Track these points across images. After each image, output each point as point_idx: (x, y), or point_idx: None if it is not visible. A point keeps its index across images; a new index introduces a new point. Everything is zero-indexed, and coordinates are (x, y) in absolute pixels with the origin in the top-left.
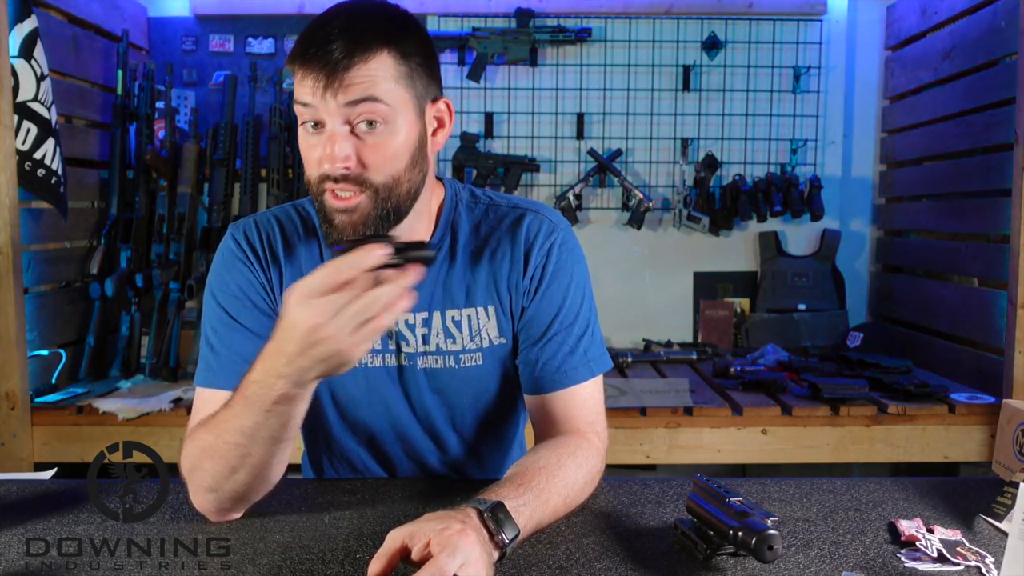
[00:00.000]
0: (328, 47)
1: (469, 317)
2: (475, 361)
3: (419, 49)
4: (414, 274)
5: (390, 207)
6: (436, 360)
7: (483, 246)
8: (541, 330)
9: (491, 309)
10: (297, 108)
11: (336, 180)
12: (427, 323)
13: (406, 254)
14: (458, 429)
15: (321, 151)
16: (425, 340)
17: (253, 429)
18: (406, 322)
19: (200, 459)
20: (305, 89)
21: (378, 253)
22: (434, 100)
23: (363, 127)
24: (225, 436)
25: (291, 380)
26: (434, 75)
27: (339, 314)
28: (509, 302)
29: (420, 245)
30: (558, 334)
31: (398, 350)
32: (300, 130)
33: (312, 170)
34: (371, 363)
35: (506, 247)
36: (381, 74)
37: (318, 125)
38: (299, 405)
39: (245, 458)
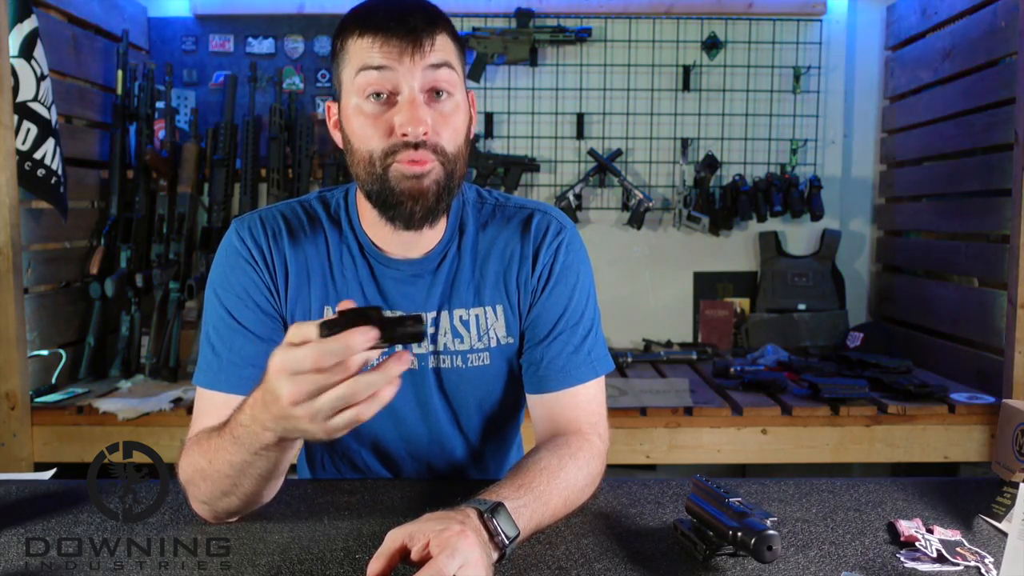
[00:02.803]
0: (407, 16)
1: (477, 316)
2: (482, 361)
3: (462, 42)
4: (404, 362)
5: (453, 180)
6: (444, 360)
7: (491, 245)
8: (547, 329)
9: (499, 308)
10: (364, 76)
11: (415, 147)
12: (435, 323)
13: (396, 331)
14: (463, 430)
15: (399, 118)
16: (433, 340)
17: (242, 465)
18: None
19: (194, 477)
20: (380, 53)
21: (368, 337)
22: (468, 91)
23: (436, 96)
24: (216, 464)
25: (277, 433)
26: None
27: (319, 397)
28: (518, 300)
29: (413, 319)
30: (563, 333)
31: None
32: (356, 103)
33: (376, 142)
34: (378, 363)
35: (515, 246)
36: (450, 47)
37: (389, 95)
38: (288, 450)
39: (235, 487)
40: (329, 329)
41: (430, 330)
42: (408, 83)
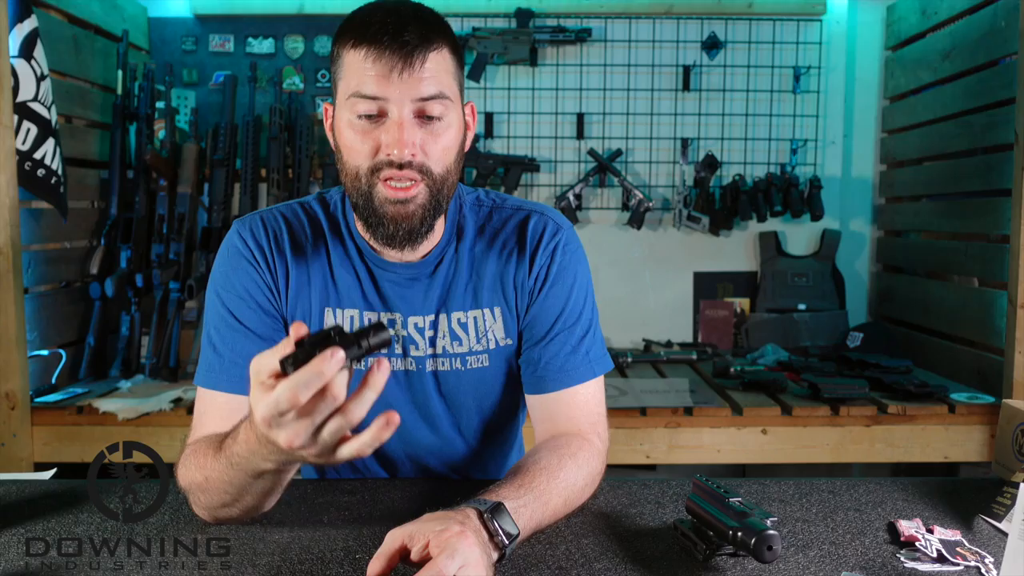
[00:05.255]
0: (401, 31)
1: (475, 319)
2: (481, 363)
3: (461, 50)
4: (385, 369)
5: (440, 200)
6: (443, 363)
7: (488, 247)
8: (544, 330)
9: (497, 310)
10: (355, 97)
11: (400, 167)
12: (434, 325)
13: (363, 344)
14: (463, 432)
15: (386, 137)
16: (432, 343)
17: (241, 487)
18: (415, 325)
19: (192, 488)
20: (372, 77)
21: (336, 359)
22: (466, 102)
23: (427, 118)
24: (214, 482)
25: (279, 464)
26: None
27: (316, 435)
28: (515, 302)
29: (376, 328)
30: (561, 333)
31: (405, 354)
32: (346, 118)
33: (363, 159)
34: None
35: (512, 248)
36: (444, 67)
37: (378, 113)
38: (287, 473)
39: (235, 501)
40: (294, 362)
41: (429, 334)
42: (397, 107)
